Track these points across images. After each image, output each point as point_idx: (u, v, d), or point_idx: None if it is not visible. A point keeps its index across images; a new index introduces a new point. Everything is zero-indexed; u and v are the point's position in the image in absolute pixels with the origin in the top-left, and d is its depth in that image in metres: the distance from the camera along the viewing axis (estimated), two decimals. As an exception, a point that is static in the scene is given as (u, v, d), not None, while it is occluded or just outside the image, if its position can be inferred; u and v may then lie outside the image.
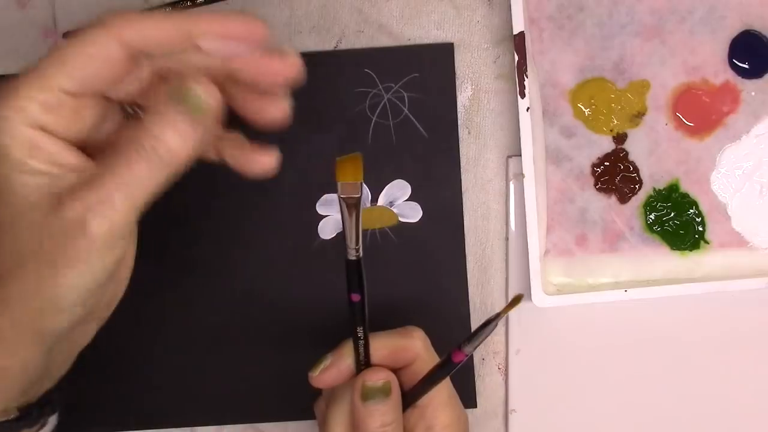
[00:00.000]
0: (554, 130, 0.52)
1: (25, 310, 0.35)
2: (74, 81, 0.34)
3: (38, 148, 0.34)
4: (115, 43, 0.35)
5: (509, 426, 0.54)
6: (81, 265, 0.34)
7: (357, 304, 0.41)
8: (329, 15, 0.53)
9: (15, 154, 0.34)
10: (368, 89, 0.52)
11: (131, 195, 0.34)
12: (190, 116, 0.35)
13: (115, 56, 0.35)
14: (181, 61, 0.37)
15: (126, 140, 0.35)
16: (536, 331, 0.53)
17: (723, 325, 0.53)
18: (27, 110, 0.34)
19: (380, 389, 0.42)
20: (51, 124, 0.35)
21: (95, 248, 0.34)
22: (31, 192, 0.34)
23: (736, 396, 0.53)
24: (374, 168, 0.52)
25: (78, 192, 0.34)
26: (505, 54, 0.53)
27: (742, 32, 0.52)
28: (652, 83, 0.52)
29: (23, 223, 0.34)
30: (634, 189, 0.52)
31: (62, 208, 0.34)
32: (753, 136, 0.52)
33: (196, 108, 0.35)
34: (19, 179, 0.34)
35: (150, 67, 0.37)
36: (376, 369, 0.43)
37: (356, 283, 0.41)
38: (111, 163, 0.35)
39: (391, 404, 0.42)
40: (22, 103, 0.34)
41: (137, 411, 0.53)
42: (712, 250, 0.52)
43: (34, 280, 0.34)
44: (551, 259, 0.52)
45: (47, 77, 0.34)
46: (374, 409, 0.42)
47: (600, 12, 0.52)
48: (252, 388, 0.53)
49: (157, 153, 0.34)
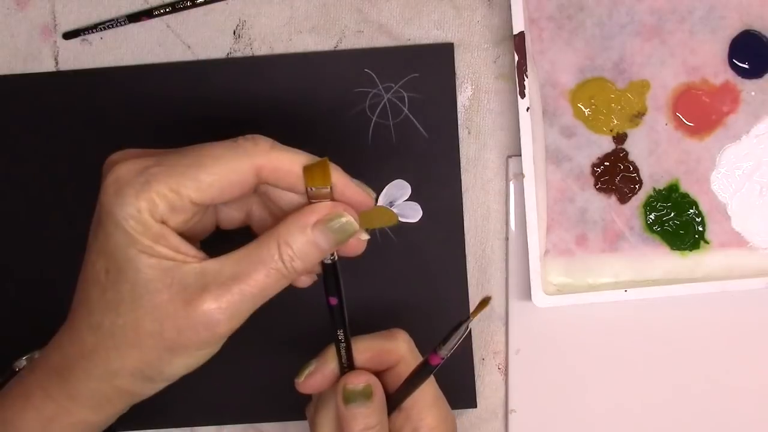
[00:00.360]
0: (554, 130, 0.52)
1: (132, 378, 0.39)
2: (204, 197, 0.37)
3: (163, 237, 0.37)
4: (252, 175, 0.38)
5: (509, 426, 0.54)
6: (197, 352, 0.38)
7: (335, 307, 0.41)
8: (329, 15, 0.53)
9: (144, 240, 0.37)
10: (368, 89, 0.52)
11: (257, 300, 0.38)
12: (336, 240, 0.38)
13: (247, 183, 0.38)
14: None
15: (261, 246, 0.38)
16: (536, 331, 0.53)
17: (723, 325, 0.53)
18: (157, 207, 0.37)
19: (361, 392, 0.42)
20: (172, 221, 0.37)
21: (215, 341, 0.38)
22: (156, 276, 0.37)
23: (736, 396, 0.53)
24: (374, 168, 0.52)
25: (212, 291, 0.37)
26: (505, 54, 0.53)
27: (742, 32, 0.52)
28: (652, 83, 0.52)
29: (144, 303, 0.37)
30: (634, 189, 0.52)
31: (195, 304, 0.37)
32: (753, 136, 0.52)
33: (343, 233, 0.38)
34: (146, 261, 0.37)
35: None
36: (357, 372, 0.43)
37: (333, 287, 0.41)
38: (246, 268, 0.37)
39: (374, 407, 0.42)
40: (154, 199, 0.36)
41: (137, 411, 0.53)
42: (712, 250, 0.52)
43: (150, 356, 0.38)
44: (551, 259, 0.52)
45: (180, 185, 0.37)
46: (357, 412, 0.42)
47: (600, 12, 0.52)
48: (252, 388, 0.53)
49: (292, 265, 0.38)
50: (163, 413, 0.54)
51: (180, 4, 0.53)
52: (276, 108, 0.52)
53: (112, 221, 0.37)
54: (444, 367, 0.53)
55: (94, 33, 0.53)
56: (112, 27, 0.53)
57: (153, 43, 0.53)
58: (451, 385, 0.53)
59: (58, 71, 0.53)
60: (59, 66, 0.53)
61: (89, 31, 0.53)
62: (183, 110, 0.52)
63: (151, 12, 0.53)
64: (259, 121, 0.52)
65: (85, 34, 0.53)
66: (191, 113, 0.52)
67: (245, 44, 0.53)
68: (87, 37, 0.53)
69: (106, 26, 0.53)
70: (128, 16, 0.53)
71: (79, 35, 0.53)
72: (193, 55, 0.53)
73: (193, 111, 0.52)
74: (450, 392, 0.53)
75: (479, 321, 0.53)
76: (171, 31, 0.53)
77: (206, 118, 0.52)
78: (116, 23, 0.53)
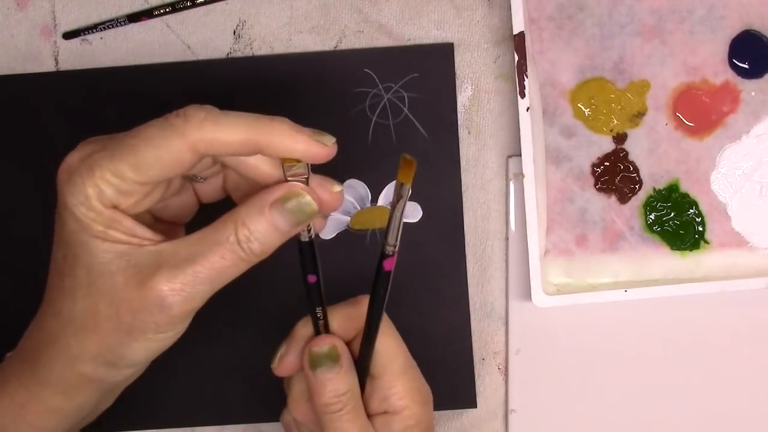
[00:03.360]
0: (554, 130, 0.52)
1: (94, 363, 0.38)
2: (144, 176, 0.36)
3: (116, 221, 0.37)
4: (187, 150, 0.36)
5: (509, 426, 0.54)
6: (155, 335, 0.37)
7: (314, 285, 0.41)
8: (329, 15, 0.53)
9: (96, 226, 0.36)
10: (368, 89, 0.52)
11: (214, 283, 0.37)
12: (295, 220, 0.37)
13: (184, 160, 0.37)
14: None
15: (218, 228, 0.37)
16: (536, 331, 0.53)
17: (723, 325, 0.53)
18: (104, 193, 0.36)
19: (327, 355, 0.41)
20: (123, 203, 0.37)
21: (171, 324, 0.37)
22: (112, 259, 0.37)
23: (736, 396, 0.53)
24: (374, 168, 0.52)
25: (165, 272, 0.36)
26: (505, 54, 0.53)
27: (742, 32, 0.52)
28: (652, 83, 0.52)
29: (101, 287, 0.37)
30: (634, 189, 0.52)
31: (148, 285, 0.36)
32: (753, 136, 0.52)
33: (302, 214, 0.37)
34: (100, 246, 0.37)
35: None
36: (321, 336, 0.42)
37: (311, 265, 0.40)
38: (201, 249, 0.37)
39: (343, 372, 0.41)
40: (99, 184, 0.36)
41: (137, 411, 0.53)
42: (712, 250, 0.52)
43: (109, 341, 0.37)
44: (551, 259, 0.52)
45: (120, 168, 0.36)
46: (325, 378, 0.41)
47: (600, 12, 0.52)
48: (252, 388, 0.53)
49: (249, 247, 0.37)
50: (164, 413, 0.54)
51: (180, 4, 0.53)
52: (276, 108, 0.52)
53: (66, 209, 0.37)
54: (444, 367, 0.53)
55: (94, 33, 0.53)
56: (112, 27, 0.53)
57: (153, 43, 0.53)
58: (451, 385, 0.53)
59: (58, 71, 0.53)
60: (59, 66, 0.53)
61: (89, 31, 0.53)
62: (183, 110, 0.52)
63: (151, 12, 0.53)
64: (259, 121, 0.52)
65: (85, 34, 0.53)
66: (191, 113, 0.52)
67: (245, 44, 0.53)
68: (87, 37, 0.53)
69: (106, 26, 0.53)
70: (128, 16, 0.53)
71: (79, 35, 0.53)
72: (193, 55, 0.53)
73: (193, 111, 0.52)
74: (450, 392, 0.53)
75: (479, 321, 0.53)
76: (171, 31, 0.53)
77: (206, 118, 0.52)
78: (116, 23, 0.53)
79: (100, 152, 0.37)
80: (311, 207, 0.38)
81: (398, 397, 0.42)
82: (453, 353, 0.53)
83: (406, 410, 0.42)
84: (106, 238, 0.37)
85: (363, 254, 0.52)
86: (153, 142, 0.36)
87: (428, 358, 0.52)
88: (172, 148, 0.36)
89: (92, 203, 0.36)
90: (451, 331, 0.53)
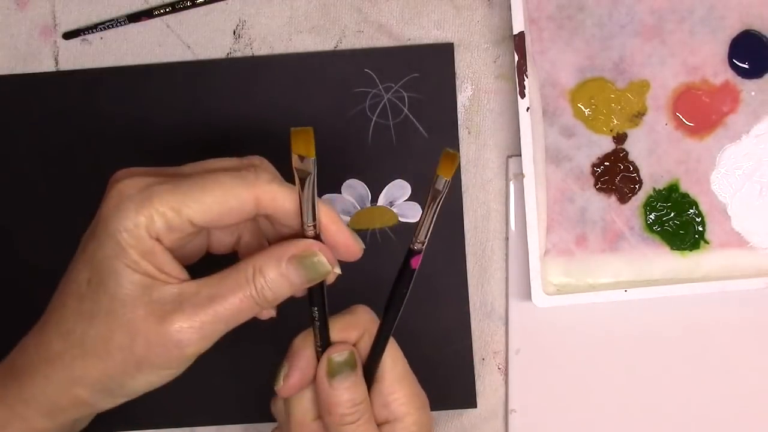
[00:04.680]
0: (554, 130, 0.52)
1: (92, 389, 0.39)
2: (203, 220, 0.38)
3: (153, 254, 0.37)
4: (251, 204, 0.38)
5: (509, 426, 0.54)
6: (162, 371, 0.39)
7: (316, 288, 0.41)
8: (329, 15, 0.53)
9: (132, 253, 0.37)
10: (368, 89, 0.52)
11: (229, 324, 0.38)
12: (308, 278, 0.39)
13: (245, 212, 0.38)
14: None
15: (237, 271, 0.38)
16: (536, 331, 0.53)
17: (723, 325, 0.53)
18: (155, 223, 0.37)
19: (346, 362, 0.41)
20: (166, 238, 0.38)
21: (182, 361, 0.38)
22: (135, 291, 0.37)
23: (736, 396, 0.53)
24: (374, 168, 0.52)
25: (187, 310, 0.37)
26: (505, 54, 0.53)
27: (742, 32, 0.52)
28: (652, 83, 0.52)
29: (121, 317, 0.37)
30: (634, 189, 0.52)
31: (168, 321, 0.37)
32: (753, 136, 0.52)
33: (315, 272, 0.39)
34: (129, 276, 0.37)
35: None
36: (337, 344, 0.42)
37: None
38: (221, 291, 0.38)
39: (358, 380, 0.41)
40: (153, 215, 0.37)
41: (137, 411, 0.53)
42: (712, 250, 0.52)
43: (115, 369, 0.38)
44: (551, 259, 0.52)
45: (182, 204, 0.37)
46: (342, 387, 0.41)
47: (600, 12, 0.52)
48: (252, 388, 0.53)
49: (263, 295, 0.38)
50: (164, 413, 0.54)
51: (180, 4, 0.53)
52: (276, 108, 0.53)
53: (105, 232, 0.37)
54: (444, 367, 0.53)
55: (94, 33, 0.53)
56: (112, 27, 0.53)
57: (153, 43, 0.53)
58: (451, 385, 0.53)
59: (58, 71, 0.53)
60: (59, 66, 0.53)
61: (89, 31, 0.53)
62: (183, 110, 0.52)
63: (151, 12, 0.53)
64: (259, 121, 0.52)
65: (85, 34, 0.53)
66: (191, 113, 0.52)
67: (245, 44, 0.53)
68: (87, 37, 0.53)
69: (106, 26, 0.53)
70: (128, 16, 0.53)
71: (79, 35, 0.53)
72: (193, 55, 0.53)
73: (193, 111, 0.52)
74: (450, 392, 0.53)
75: (479, 321, 0.53)
76: (171, 31, 0.53)
77: (206, 118, 0.52)
78: (116, 23, 0.53)
79: (162, 185, 0.37)
80: (325, 268, 0.39)
81: (399, 403, 0.42)
82: (453, 353, 0.53)
83: (408, 416, 0.42)
84: (137, 270, 0.37)
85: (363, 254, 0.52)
86: (222, 187, 0.38)
87: (428, 358, 0.52)
88: (241, 197, 0.38)
89: (139, 231, 0.37)
90: (451, 331, 0.53)
